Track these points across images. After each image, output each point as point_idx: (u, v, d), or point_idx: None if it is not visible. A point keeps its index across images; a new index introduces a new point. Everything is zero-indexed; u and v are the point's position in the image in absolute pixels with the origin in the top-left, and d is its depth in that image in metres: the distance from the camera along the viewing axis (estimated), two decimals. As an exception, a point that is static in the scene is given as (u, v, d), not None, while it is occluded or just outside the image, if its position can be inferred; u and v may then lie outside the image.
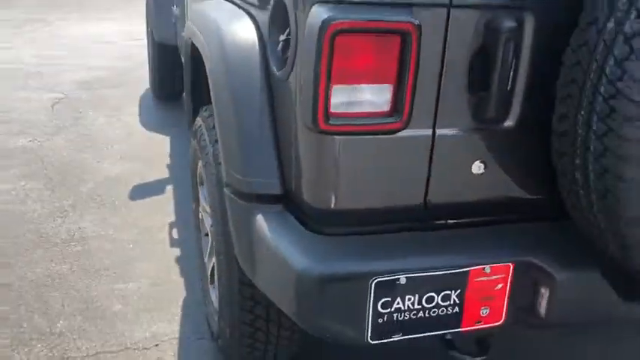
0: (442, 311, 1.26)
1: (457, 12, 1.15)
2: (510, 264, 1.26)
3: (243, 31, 1.50)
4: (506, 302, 1.29)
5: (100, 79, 5.18)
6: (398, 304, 1.22)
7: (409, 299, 1.23)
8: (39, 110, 4.33)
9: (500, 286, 1.28)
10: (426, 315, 1.26)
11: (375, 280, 1.19)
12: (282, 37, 1.31)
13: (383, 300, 1.21)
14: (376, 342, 1.25)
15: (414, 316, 1.25)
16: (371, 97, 1.15)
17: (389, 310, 1.23)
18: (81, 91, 4.82)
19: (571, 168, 1.15)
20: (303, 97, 1.16)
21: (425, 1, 1.12)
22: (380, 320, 1.23)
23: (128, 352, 1.96)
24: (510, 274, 1.27)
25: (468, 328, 1.30)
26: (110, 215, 2.84)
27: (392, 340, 1.26)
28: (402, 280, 1.20)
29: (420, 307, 1.24)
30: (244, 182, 1.37)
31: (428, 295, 1.23)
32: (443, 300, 1.25)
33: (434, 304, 1.25)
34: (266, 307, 1.58)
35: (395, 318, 1.24)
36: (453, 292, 1.25)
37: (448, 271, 1.23)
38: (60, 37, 7.01)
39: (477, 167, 1.27)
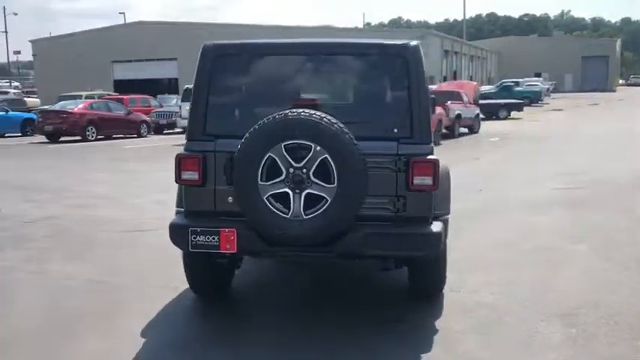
0: (212, 243, 4.03)
1: (217, 154, 4.07)
2: (234, 229, 4.02)
3: None
4: (235, 243, 4.03)
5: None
6: (198, 238, 4.03)
7: (201, 237, 4.02)
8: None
9: (232, 237, 4.03)
10: (208, 244, 4.04)
11: (190, 228, 4.03)
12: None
13: (193, 236, 4.01)
14: (193, 250, 4.06)
15: (204, 243, 4.03)
16: (192, 175, 4.09)
17: (196, 240, 4.03)
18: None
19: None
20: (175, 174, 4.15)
21: (207, 149, 4.07)
22: (193, 243, 4.03)
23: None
24: (235, 233, 4.02)
25: (223, 252, 4.05)
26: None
27: (198, 251, 4.06)
28: (198, 230, 4.03)
29: (205, 239, 4.03)
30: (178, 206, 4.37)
31: (207, 236, 4.02)
32: (213, 239, 4.02)
33: (210, 239, 4.02)
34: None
35: (197, 243, 4.03)
36: (216, 236, 4.02)
37: (213, 229, 4.03)
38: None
39: (231, 199, 4.11)
